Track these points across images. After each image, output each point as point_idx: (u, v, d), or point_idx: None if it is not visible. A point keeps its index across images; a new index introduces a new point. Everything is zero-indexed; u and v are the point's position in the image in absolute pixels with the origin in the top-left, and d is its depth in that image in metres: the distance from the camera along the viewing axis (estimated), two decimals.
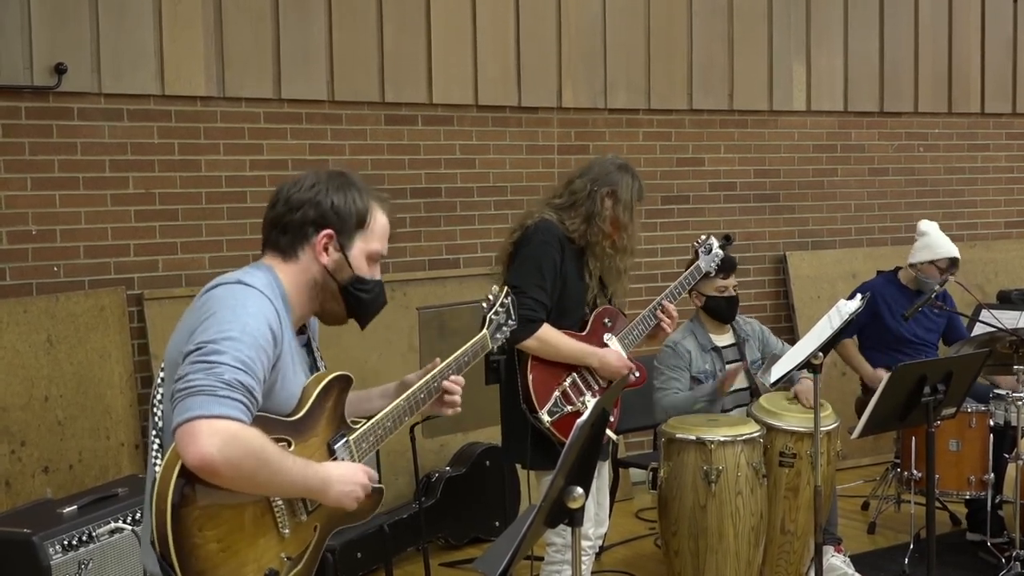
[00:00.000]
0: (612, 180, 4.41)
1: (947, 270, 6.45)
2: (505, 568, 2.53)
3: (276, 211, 2.79)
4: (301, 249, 2.77)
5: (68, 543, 4.08)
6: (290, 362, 2.71)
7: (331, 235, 2.76)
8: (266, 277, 2.71)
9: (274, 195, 2.82)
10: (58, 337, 5.56)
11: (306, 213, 2.75)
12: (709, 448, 4.95)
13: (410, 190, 6.75)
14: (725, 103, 7.85)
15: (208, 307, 2.59)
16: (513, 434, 4.40)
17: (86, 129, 5.85)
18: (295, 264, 2.77)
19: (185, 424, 2.40)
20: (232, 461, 2.40)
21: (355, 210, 2.79)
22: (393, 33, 6.64)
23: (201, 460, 2.38)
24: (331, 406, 2.81)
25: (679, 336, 5.51)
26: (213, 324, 2.53)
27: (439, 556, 6.09)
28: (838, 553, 5.57)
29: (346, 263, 2.79)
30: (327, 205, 2.76)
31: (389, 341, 6.38)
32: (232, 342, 2.49)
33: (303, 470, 2.59)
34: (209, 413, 2.40)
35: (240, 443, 2.41)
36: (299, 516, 2.69)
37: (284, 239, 2.77)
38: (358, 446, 2.84)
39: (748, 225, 7.98)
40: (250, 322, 2.55)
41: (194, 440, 2.38)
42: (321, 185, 2.78)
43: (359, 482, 2.73)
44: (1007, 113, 9.00)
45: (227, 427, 2.40)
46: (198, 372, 2.45)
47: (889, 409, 4.71)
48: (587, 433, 2.79)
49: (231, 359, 2.47)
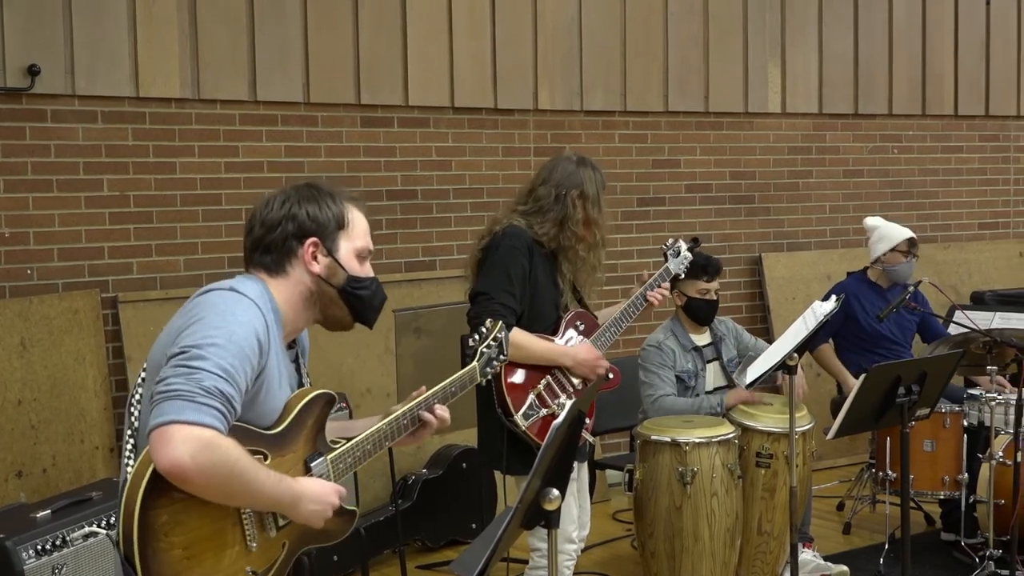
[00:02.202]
0: (576, 180, 4.42)
1: (910, 251, 6.55)
2: (482, 570, 2.54)
3: (255, 235, 2.79)
4: (289, 264, 2.77)
5: (42, 547, 4.06)
6: (276, 375, 2.70)
7: (316, 243, 2.77)
8: (259, 289, 2.71)
9: (248, 220, 2.83)
10: (32, 340, 5.52)
11: (285, 228, 2.76)
12: (684, 449, 4.96)
13: (386, 192, 6.74)
14: (701, 105, 7.87)
15: (197, 311, 2.58)
16: (489, 438, 4.40)
17: (60, 131, 5.82)
18: (286, 280, 2.77)
19: (160, 428, 2.39)
20: (204, 469, 2.39)
21: (332, 214, 2.80)
22: (369, 35, 6.63)
23: (172, 465, 2.37)
24: (312, 423, 2.79)
25: (661, 336, 5.53)
26: (200, 329, 2.52)
27: (416, 558, 6.08)
28: (807, 549, 5.60)
29: (338, 266, 2.80)
30: (303, 216, 2.77)
31: (365, 343, 6.37)
32: (216, 348, 2.49)
33: (276, 484, 2.58)
34: (185, 419, 2.39)
35: (213, 451, 2.40)
36: (268, 531, 2.68)
37: (270, 258, 2.77)
38: (335, 466, 2.82)
39: (724, 227, 8.01)
40: (237, 330, 2.54)
41: (167, 445, 2.37)
42: (292, 199, 2.79)
43: (329, 502, 2.71)
44: (980, 115, 9.06)
45: (201, 434, 2.39)
46: (179, 376, 2.44)
47: (864, 410, 4.73)
48: (563, 435, 2.79)
49: (213, 366, 2.46)
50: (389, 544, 5.94)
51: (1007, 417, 5.68)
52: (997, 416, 5.66)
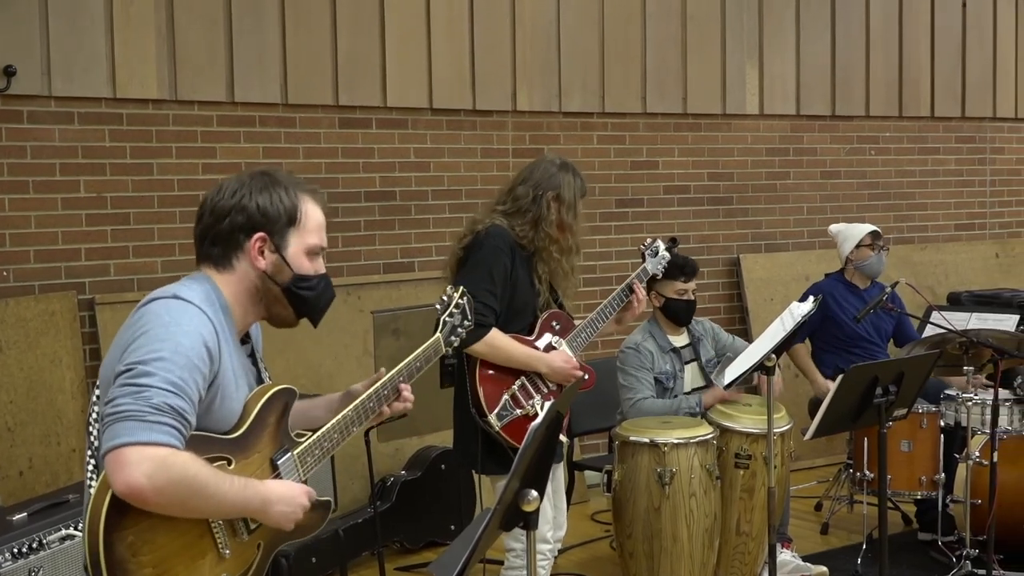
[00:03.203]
0: (555, 183, 4.41)
1: (875, 244, 6.69)
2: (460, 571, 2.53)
3: (204, 223, 2.70)
4: (235, 257, 2.69)
5: (18, 550, 4.03)
6: (231, 377, 2.64)
7: (264, 238, 2.68)
8: (203, 289, 2.63)
9: (200, 207, 2.73)
10: (8, 342, 5.49)
11: (234, 220, 2.66)
12: (662, 450, 4.97)
13: (364, 193, 6.73)
14: (679, 107, 7.88)
15: (140, 324, 2.51)
16: (465, 438, 4.40)
17: (36, 132, 5.79)
18: (232, 274, 2.69)
19: (113, 451, 2.34)
20: (161, 488, 2.34)
21: (284, 208, 2.70)
22: (347, 36, 6.62)
23: (129, 488, 2.33)
24: (274, 420, 2.73)
25: (639, 338, 5.53)
26: (144, 343, 2.46)
27: (394, 560, 6.07)
28: (786, 549, 5.62)
29: (284, 264, 2.71)
30: (253, 208, 2.67)
31: (344, 345, 6.36)
32: (163, 363, 2.42)
33: (241, 491, 2.52)
34: (136, 440, 2.34)
35: (169, 469, 2.35)
36: (240, 536, 2.63)
37: (216, 250, 2.69)
38: (303, 460, 2.77)
39: (702, 228, 8.03)
40: (183, 340, 2.47)
41: (122, 468, 2.33)
42: (244, 189, 2.69)
43: (299, 504, 2.66)
44: (956, 117, 9.11)
45: (155, 453, 2.35)
46: (126, 396, 2.38)
47: (842, 410, 4.74)
48: (542, 436, 2.79)
49: (161, 381, 2.40)
50: (368, 546, 5.92)
51: (984, 417, 5.72)
52: (974, 416, 5.69)
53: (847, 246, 6.72)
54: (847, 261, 6.75)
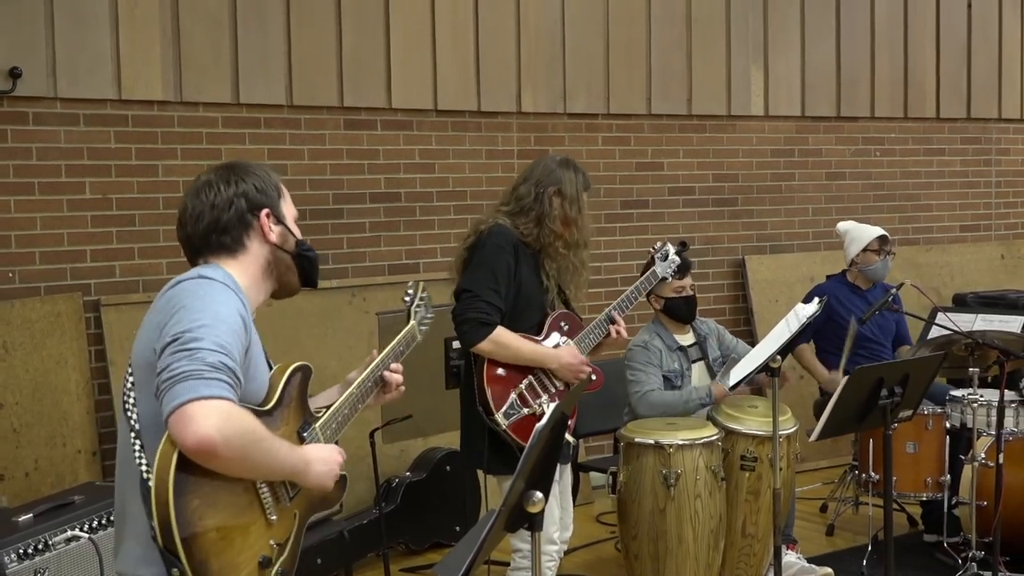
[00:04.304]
0: (556, 179, 4.44)
1: (882, 249, 6.62)
2: (465, 572, 2.53)
3: (206, 221, 2.79)
4: (248, 238, 2.80)
5: (24, 551, 4.04)
6: (258, 351, 2.74)
7: (268, 212, 2.82)
8: (222, 273, 2.71)
9: (187, 213, 2.82)
10: (13, 343, 5.50)
11: (239, 205, 2.78)
12: (668, 452, 4.97)
13: (369, 195, 6.73)
14: (684, 108, 7.88)
15: (175, 301, 2.58)
16: (471, 438, 4.41)
17: (42, 134, 5.80)
18: (246, 256, 2.80)
19: (178, 410, 2.39)
20: (230, 439, 2.40)
21: (272, 183, 2.87)
22: (352, 37, 6.62)
23: (199, 441, 2.37)
24: (296, 395, 2.84)
25: (647, 336, 5.53)
26: (185, 316, 2.52)
27: (399, 561, 6.07)
28: (791, 551, 5.62)
29: (288, 231, 2.86)
30: (252, 190, 2.81)
31: (349, 346, 6.36)
32: (207, 328, 2.50)
33: (289, 451, 2.63)
34: (200, 395, 2.39)
35: (235, 421, 2.42)
36: (283, 502, 2.70)
37: (227, 238, 2.79)
38: (324, 432, 2.88)
39: (707, 229, 8.02)
40: (221, 310, 2.56)
41: (191, 422, 2.37)
42: (233, 177, 2.81)
43: (336, 461, 2.77)
44: (962, 118, 9.10)
45: (220, 406, 2.40)
46: (180, 359, 2.44)
47: (847, 412, 4.74)
48: (546, 437, 2.79)
49: (210, 343, 2.47)
50: (373, 547, 5.93)
51: (989, 419, 5.71)
52: (979, 418, 5.68)
53: (853, 248, 6.68)
54: (852, 263, 6.73)
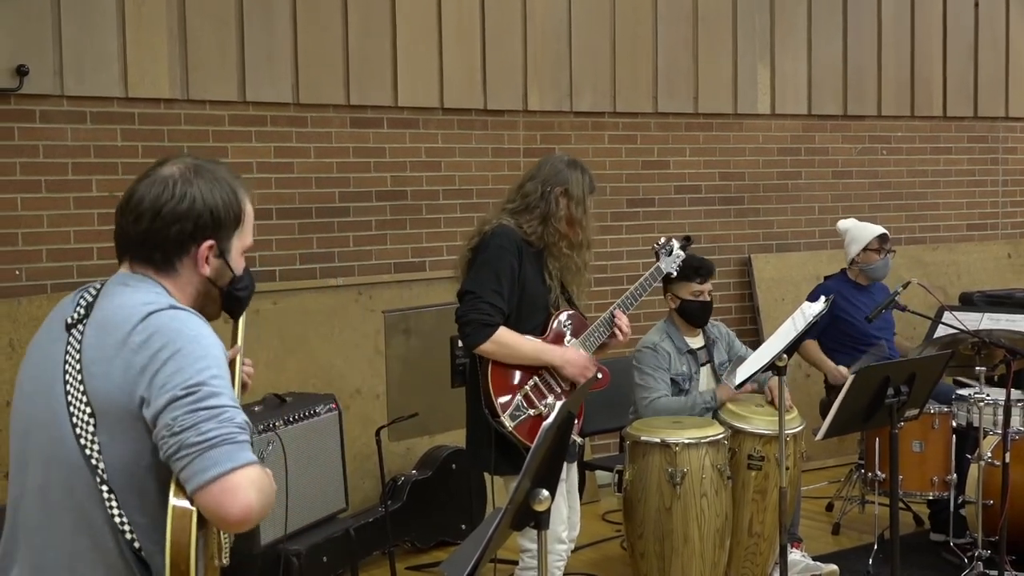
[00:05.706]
0: (563, 178, 4.43)
1: (883, 247, 6.65)
2: (471, 571, 2.53)
3: (147, 227, 2.56)
4: (179, 262, 2.58)
5: None
6: None
7: (212, 246, 2.58)
8: (173, 299, 2.54)
9: (135, 204, 2.59)
10: (20, 341, 5.50)
11: (184, 228, 2.55)
12: (674, 450, 4.96)
13: (375, 193, 6.73)
14: (690, 106, 7.88)
15: (163, 342, 2.42)
16: (477, 439, 4.40)
17: (48, 131, 5.80)
18: (176, 278, 2.59)
19: (219, 479, 2.31)
20: (264, 506, 2.38)
21: (232, 211, 2.61)
22: (358, 35, 6.62)
23: (245, 512, 2.32)
24: None
25: (657, 338, 5.52)
26: (188, 363, 2.39)
27: (405, 559, 6.07)
28: (796, 549, 5.61)
29: (227, 268, 2.63)
30: (206, 216, 2.56)
31: (355, 345, 6.35)
32: (220, 380, 2.39)
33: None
34: (238, 464, 2.33)
35: (267, 485, 2.40)
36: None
37: (158, 254, 2.58)
38: None
39: (713, 228, 8.02)
40: (213, 350, 2.43)
41: (238, 492, 2.31)
42: (193, 190, 2.57)
43: None
44: (969, 116, 9.08)
45: (256, 474, 2.36)
46: (208, 421, 2.33)
47: (853, 411, 4.73)
48: (553, 436, 2.79)
49: (229, 399, 2.38)
50: (379, 545, 5.92)
51: (996, 418, 5.70)
52: (986, 417, 5.68)
53: (854, 248, 6.71)
54: (852, 262, 6.74)
